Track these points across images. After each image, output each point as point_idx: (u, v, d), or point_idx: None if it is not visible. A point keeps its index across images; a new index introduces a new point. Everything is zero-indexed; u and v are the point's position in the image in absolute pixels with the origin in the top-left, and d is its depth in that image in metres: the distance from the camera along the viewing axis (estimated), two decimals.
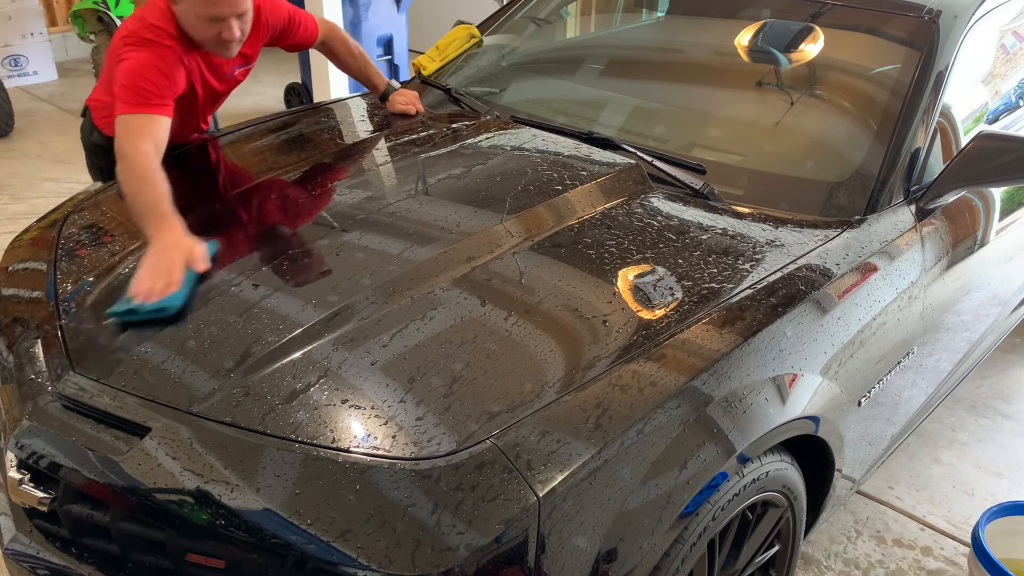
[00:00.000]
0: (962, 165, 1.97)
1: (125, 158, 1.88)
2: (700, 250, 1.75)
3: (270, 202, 1.99)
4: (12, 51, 6.41)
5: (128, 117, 1.96)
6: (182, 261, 1.64)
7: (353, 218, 1.86)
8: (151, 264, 1.63)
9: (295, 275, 1.65)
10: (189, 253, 1.67)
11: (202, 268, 1.65)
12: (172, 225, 1.74)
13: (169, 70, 2.05)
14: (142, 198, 1.80)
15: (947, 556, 2.37)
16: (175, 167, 2.27)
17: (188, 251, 1.67)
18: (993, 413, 2.99)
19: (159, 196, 1.80)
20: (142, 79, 1.99)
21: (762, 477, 1.55)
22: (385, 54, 5.24)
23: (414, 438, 1.29)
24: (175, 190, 2.11)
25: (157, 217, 1.75)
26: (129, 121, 1.96)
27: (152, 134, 1.95)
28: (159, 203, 1.78)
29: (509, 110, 2.43)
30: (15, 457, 1.43)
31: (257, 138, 2.42)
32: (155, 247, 1.68)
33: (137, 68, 2.00)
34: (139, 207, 1.80)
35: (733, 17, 2.53)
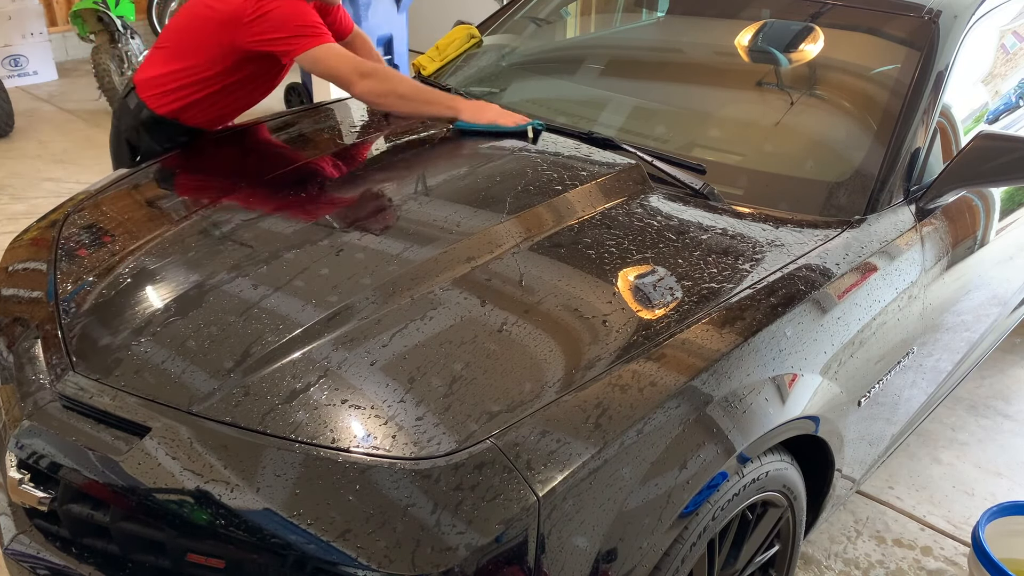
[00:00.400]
0: (962, 165, 1.97)
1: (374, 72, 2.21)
2: (700, 250, 1.75)
3: (270, 202, 1.99)
4: (12, 51, 6.41)
5: (327, 47, 2.19)
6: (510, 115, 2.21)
7: (353, 218, 1.86)
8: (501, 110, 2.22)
9: (295, 275, 1.65)
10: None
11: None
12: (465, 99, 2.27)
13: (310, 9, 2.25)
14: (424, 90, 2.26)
15: (947, 556, 2.37)
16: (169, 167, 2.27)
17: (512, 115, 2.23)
18: (993, 413, 2.99)
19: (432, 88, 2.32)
20: (308, 16, 2.18)
21: (762, 477, 1.55)
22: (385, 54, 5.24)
23: (414, 438, 1.29)
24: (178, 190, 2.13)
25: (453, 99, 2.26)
26: (332, 48, 2.20)
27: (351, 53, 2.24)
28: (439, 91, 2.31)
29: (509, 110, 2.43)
30: (15, 457, 1.43)
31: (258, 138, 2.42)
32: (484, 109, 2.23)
33: (296, 10, 2.18)
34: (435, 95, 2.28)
35: (733, 17, 2.53)
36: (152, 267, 1.74)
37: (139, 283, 1.70)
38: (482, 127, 2.22)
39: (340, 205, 1.94)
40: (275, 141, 2.41)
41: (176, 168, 2.28)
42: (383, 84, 2.20)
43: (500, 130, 2.21)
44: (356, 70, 2.19)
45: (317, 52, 2.18)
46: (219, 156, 2.35)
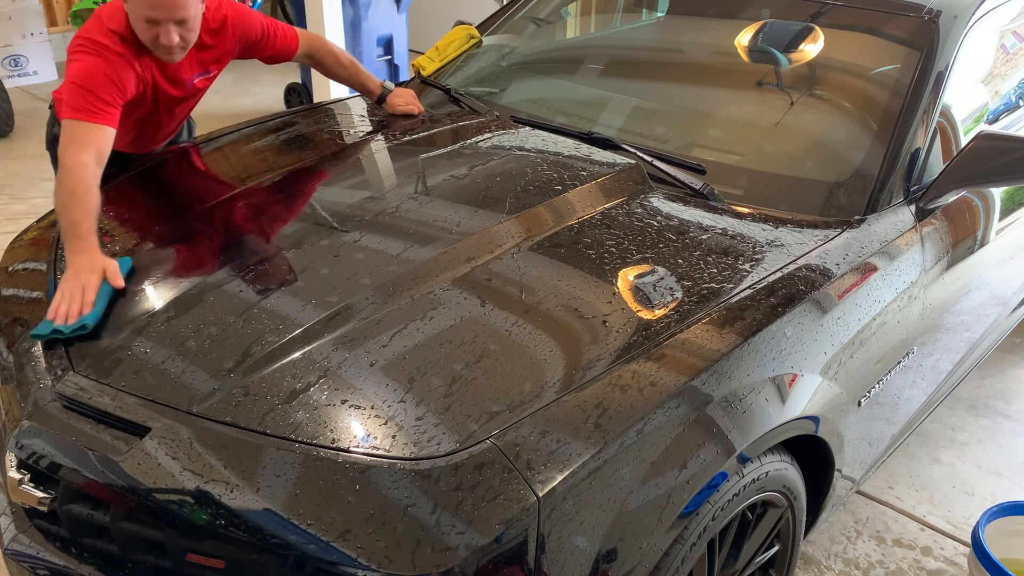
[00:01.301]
0: (962, 165, 1.97)
1: (64, 167, 1.89)
2: (700, 250, 1.75)
3: (270, 202, 1.99)
4: (12, 51, 6.41)
5: (73, 123, 1.96)
6: (96, 282, 1.68)
7: (353, 218, 1.86)
8: (66, 288, 1.67)
9: (295, 275, 1.66)
10: (102, 273, 1.71)
11: (117, 285, 1.69)
12: (87, 247, 1.76)
13: (118, 76, 2.02)
14: (68, 215, 1.81)
15: (947, 556, 2.37)
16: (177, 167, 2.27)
17: (101, 271, 1.71)
18: (993, 413, 2.99)
19: (84, 214, 1.81)
20: (90, 85, 1.98)
21: (762, 477, 1.55)
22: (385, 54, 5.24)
23: (414, 438, 1.29)
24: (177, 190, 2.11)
25: (75, 239, 1.77)
26: (74, 128, 1.95)
27: (95, 144, 1.95)
28: (80, 223, 1.79)
29: (509, 110, 2.43)
30: (15, 457, 1.43)
31: (257, 138, 2.42)
32: (70, 271, 1.72)
33: (86, 73, 1.99)
34: (63, 221, 1.82)
35: (733, 17, 2.53)
36: (152, 267, 1.74)
37: (139, 282, 1.70)
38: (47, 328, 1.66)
39: (340, 205, 1.94)
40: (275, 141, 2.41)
41: (176, 168, 2.28)
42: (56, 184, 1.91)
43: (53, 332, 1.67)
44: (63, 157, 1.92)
45: (64, 122, 1.98)
46: (219, 156, 2.34)
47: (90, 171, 1.90)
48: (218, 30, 2.25)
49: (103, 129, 1.98)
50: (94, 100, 1.98)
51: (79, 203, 1.83)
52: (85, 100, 1.97)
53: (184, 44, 2.09)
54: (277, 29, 2.39)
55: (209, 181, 2.22)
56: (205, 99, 2.70)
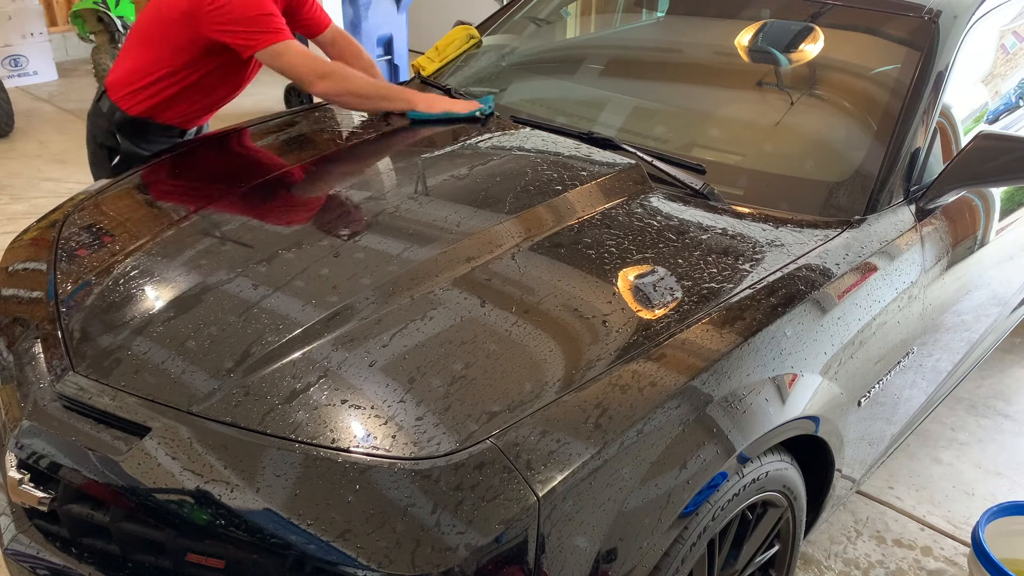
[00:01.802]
0: (962, 165, 1.97)
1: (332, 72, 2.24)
2: (700, 250, 1.75)
3: (270, 202, 1.99)
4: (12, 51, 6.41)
5: (286, 44, 2.19)
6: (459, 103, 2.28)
7: (353, 218, 1.86)
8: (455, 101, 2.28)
9: (295, 275, 1.65)
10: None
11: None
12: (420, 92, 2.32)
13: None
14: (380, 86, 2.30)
15: (947, 556, 2.37)
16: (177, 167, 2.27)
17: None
18: (993, 413, 2.99)
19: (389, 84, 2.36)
20: (266, 9, 2.16)
21: (762, 477, 1.55)
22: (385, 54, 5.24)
23: (414, 438, 1.29)
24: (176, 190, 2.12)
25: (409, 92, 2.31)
26: (293, 47, 2.20)
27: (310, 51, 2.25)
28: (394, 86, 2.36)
29: (509, 110, 2.43)
30: (15, 457, 1.43)
31: (257, 138, 2.42)
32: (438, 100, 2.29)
33: (255, 2, 2.17)
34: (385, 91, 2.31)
35: (733, 17, 2.53)
36: (152, 267, 1.74)
37: (139, 283, 1.70)
38: (435, 116, 2.30)
39: (340, 205, 1.94)
40: (274, 141, 2.41)
41: (176, 168, 2.28)
42: (340, 84, 2.22)
43: (452, 117, 2.30)
44: (314, 70, 2.21)
45: (276, 48, 2.18)
46: (219, 156, 2.34)
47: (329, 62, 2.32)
48: None
49: (296, 42, 2.26)
50: (278, 20, 2.21)
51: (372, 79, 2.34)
52: (275, 23, 2.20)
53: None
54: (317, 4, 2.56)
55: (208, 181, 2.22)
56: None
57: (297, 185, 2.07)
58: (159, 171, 2.25)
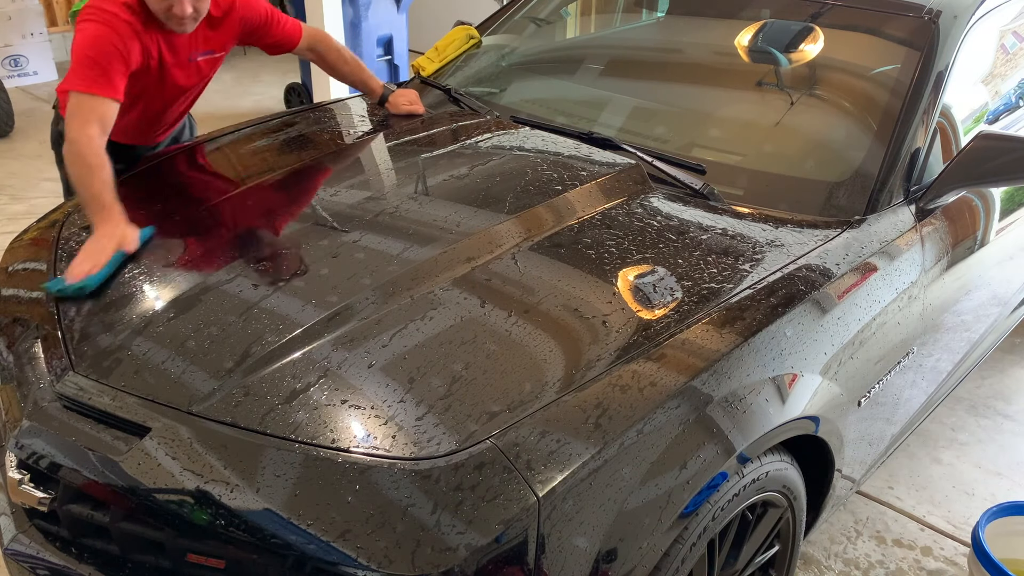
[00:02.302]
0: (962, 165, 1.97)
1: (72, 142, 1.94)
2: (700, 250, 1.75)
3: (270, 202, 1.99)
4: (12, 51, 6.41)
5: (78, 96, 1.98)
6: (112, 247, 1.78)
7: (353, 218, 1.86)
8: (86, 249, 1.79)
9: (295, 275, 1.66)
10: (121, 239, 1.81)
11: (131, 250, 1.80)
12: (111, 215, 1.86)
13: (123, 44, 2.04)
14: (87, 187, 1.90)
15: (947, 556, 2.37)
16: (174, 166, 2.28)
17: (121, 238, 1.81)
18: (993, 413, 2.99)
19: (102, 184, 1.90)
20: (95, 53, 2.00)
21: (762, 477, 1.55)
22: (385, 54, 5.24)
23: (414, 438, 1.29)
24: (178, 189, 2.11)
25: (99, 207, 1.87)
26: (79, 101, 1.98)
27: (100, 117, 1.99)
28: (102, 192, 1.89)
29: (509, 110, 2.43)
30: (15, 457, 1.43)
31: (257, 138, 2.42)
32: (95, 234, 1.82)
33: (91, 41, 2.01)
34: (83, 195, 1.91)
35: (733, 17, 2.53)
36: (152, 267, 1.74)
37: (139, 283, 1.70)
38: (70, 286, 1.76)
39: (340, 205, 1.94)
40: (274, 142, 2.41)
41: (175, 168, 2.28)
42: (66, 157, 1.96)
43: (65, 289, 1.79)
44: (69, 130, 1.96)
45: (70, 94, 1.99)
46: (219, 156, 2.34)
47: (97, 142, 1.95)
48: (227, 8, 2.27)
49: (107, 102, 2.01)
50: (100, 72, 2.00)
51: (95, 174, 1.91)
52: (91, 72, 1.99)
53: (196, 15, 2.12)
54: (281, 18, 2.43)
55: (209, 181, 2.22)
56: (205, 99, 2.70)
57: (297, 185, 2.07)
58: (158, 171, 2.25)
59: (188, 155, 2.35)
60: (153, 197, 2.14)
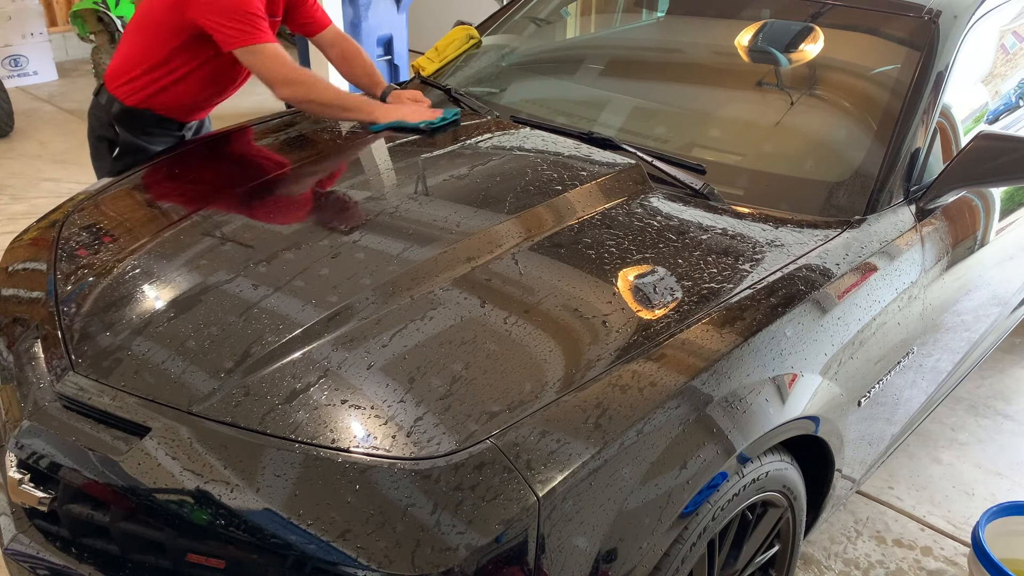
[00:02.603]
0: (962, 165, 1.97)
1: (299, 80, 2.28)
2: (700, 250, 1.75)
3: (270, 202, 1.99)
4: (12, 51, 6.41)
5: (261, 46, 2.24)
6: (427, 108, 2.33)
7: (353, 218, 1.86)
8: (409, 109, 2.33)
9: (295, 275, 1.65)
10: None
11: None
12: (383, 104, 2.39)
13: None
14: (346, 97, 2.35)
15: (947, 556, 2.37)
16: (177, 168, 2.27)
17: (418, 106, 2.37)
18: (993, 413, 2.99)
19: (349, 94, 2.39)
20: (250, 8, 2.22)
21: (762, 477, 1.55)
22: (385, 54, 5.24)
23: (414, 438, 1.29)
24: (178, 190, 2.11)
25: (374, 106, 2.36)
26: (267, 49, 2.25)
27: (288, 55, 2.29)
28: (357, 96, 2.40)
29: (509, 110, 2.43)
30: (15, 457, 1.43)
31: (258, 138, 2.42)
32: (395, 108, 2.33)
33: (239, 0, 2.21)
34: (352, 103, 2.35)
35: (733, 17, 2.53)
36: (152, 267, 1.74)
37: (139, 283, 1.70)
38: (387, 125, 2.32)
39: (340, 205, 1.94)
40: (275, 141, 2.41)
41: (176, 168, 2.28)
42: (303, 91, 2.28)
43: (405, 126, 2.31)
44: (282, 76, 2.27)
45: (253, 48, 2.23)
46: (219, 156, 2.35)
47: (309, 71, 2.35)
48: None
49: (276, 45, 2.29)
50: (260, 20, 2.25)
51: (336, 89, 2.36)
52: (256, 23, 2.24)
53: None
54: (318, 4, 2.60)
55: (208, 181, 2.22)
56: None
57: (297, 185, 2.07)
58: (159, 171, 2.25)
59: (188, 155, 2.35)
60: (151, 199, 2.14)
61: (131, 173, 2.24)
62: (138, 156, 2.48)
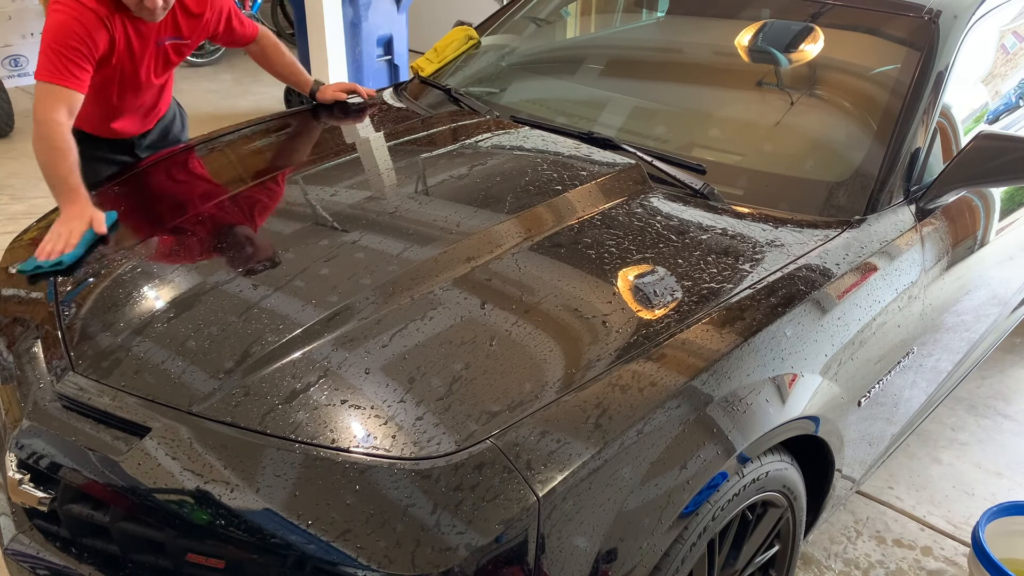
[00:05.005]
0: (962, 165, 1.97)
1: (40, 124, 2.05)
2: (700, 250, 1.75)
3: (270, 202, 1.99)
4: (12, 51, 6.41)
5: (46, 85, 2.08)
6: (81, 228, 1.90)
7: (353, 218, 1.86)
8: (55, 230, 1.89)
9: (295, 275, 1.66)
10: (90, 219, 1.92)
11: (100, 232, 1.91)
12: (77, 197, 1.98)
13: (88, 32, 2.10)
14: (54, 170, 2.01)
15: (947, 556, 2.37)
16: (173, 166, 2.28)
17: (89, 218, 1.92)
18: (993, 413, 2.99)
19: (68, 168, 2.01)
20: (61, 43, 2.08)
21: (762, 477, 1.55)
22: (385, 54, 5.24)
23: (414, 438, 1.29)
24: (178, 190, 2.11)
25: (67, 191, 1.99)
26: (47, 89, 2.08)
27: (67, 104, 2.08)
28: (68, 176, 2.00)
29: (509, 110, 2.43)
30: (15, 457, 1.43)
31: (257, 138, 2.42)
32: (62, 216, 1.94)
33: (58, 30, 2.08)
34: (51, 178, 2.02)
35: (733, 17, 2.53)
36: (152, 267, 1.74)
37: (139, 283, 1.70)
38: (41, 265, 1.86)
39: (340, 205, 1.94)
40: (274, 141, 2.41)
41: (175, 169, 2.28)
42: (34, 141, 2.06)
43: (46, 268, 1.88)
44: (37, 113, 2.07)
45: (38, 83, 2.09)
46: (219, 156, 2.35)
47: (64, 127, 2.06)
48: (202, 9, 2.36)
49: (71, 92, 2.10)
50: (65, 62, 2.08)
51: (62, 158, 2.02)
52: (58, 62, 2.08)
53: (166, 5, 2.19)
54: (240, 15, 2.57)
55: (209, 181, 2.22)
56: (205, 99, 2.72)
57: (297, 185, 2.07)
58: (158, 171, 2.25)
59: (187, 155, 2.35)
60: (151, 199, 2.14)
61: (131, 173, 2.25)
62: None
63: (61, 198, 1.98)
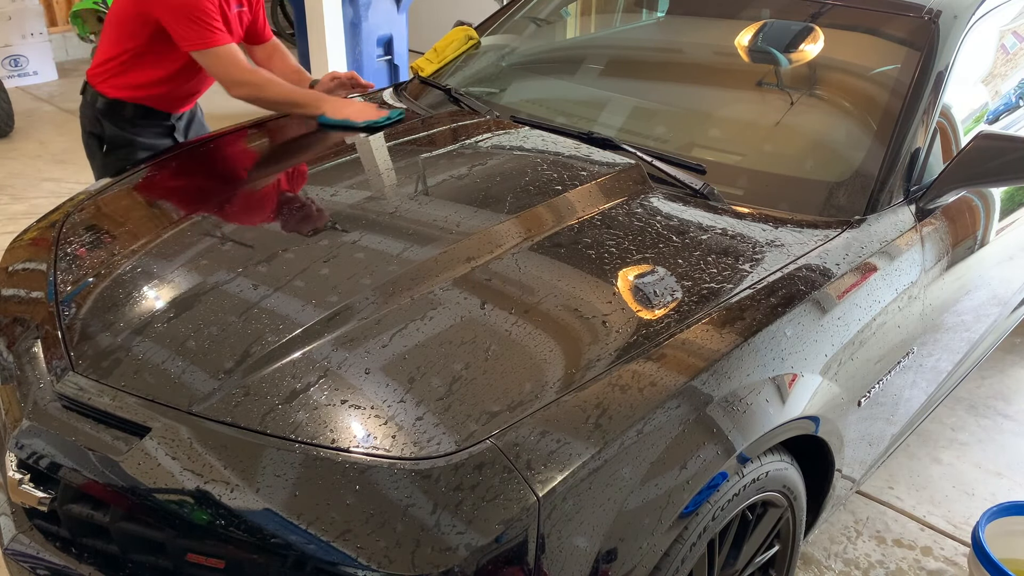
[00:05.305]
0: (962, 165, 1.97)
1: (240, 85, 2.34)
2: (700, 250, 1.75)
3: (270, 202, 1.99)
4: (12, 51, 6.41)
5: (213, 50, 2.30)
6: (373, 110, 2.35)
7: (353, 218, 1.86)
8: (355, 107, 2.36)
9: (295, 275, 1.65)
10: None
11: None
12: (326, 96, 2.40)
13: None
14: (294, 93, 2.39)
15: (947, 556, 2.37)
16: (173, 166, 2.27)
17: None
18: (993, 413, 2.99)
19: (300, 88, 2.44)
20: (199, 11, 2.26)
21: (762, 477, 1.55)
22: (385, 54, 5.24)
23: (414, 438, 1.29)
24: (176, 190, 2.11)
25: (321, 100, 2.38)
26: (219, 52, 2.31)
27: (234, 57, 2.34)
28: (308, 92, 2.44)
29: (509, 110, 2.43)
30: (15, 457, 1.43)
31: (257, 138, 2.42)
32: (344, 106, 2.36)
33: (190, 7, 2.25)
34: (300, 99, 2.39)
35: (733, 17, 2.53)
36: (152, 267, 1.74)
37: (139, 283, 1.70)
38: (338, 122, 2.38)
39: (340, 205, 1.94)
40: (274, 141, 2.41)
41: (176, 168, 2.28)
42: (256, 91, 2.36)
43: (352, 126, 2.35)
44: (233, 79, 2.34)
45: (205, 52, 2.30)
46: (218, 156, 2.35)
47: (253, 71, 2.37)
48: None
49: (229, 46, 2.35)
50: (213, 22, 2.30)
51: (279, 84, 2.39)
52: (208, 26, 2.29)
53: None
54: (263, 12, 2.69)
55: (209, 181, 2.22)
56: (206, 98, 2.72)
57: (297, 185, 2.07)
58: (159, 171, 2.25)
59: (187, 155, 2.35)
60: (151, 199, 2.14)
61: (131, 173, 2.24)
62: (128, 150, 2.52)
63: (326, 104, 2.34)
